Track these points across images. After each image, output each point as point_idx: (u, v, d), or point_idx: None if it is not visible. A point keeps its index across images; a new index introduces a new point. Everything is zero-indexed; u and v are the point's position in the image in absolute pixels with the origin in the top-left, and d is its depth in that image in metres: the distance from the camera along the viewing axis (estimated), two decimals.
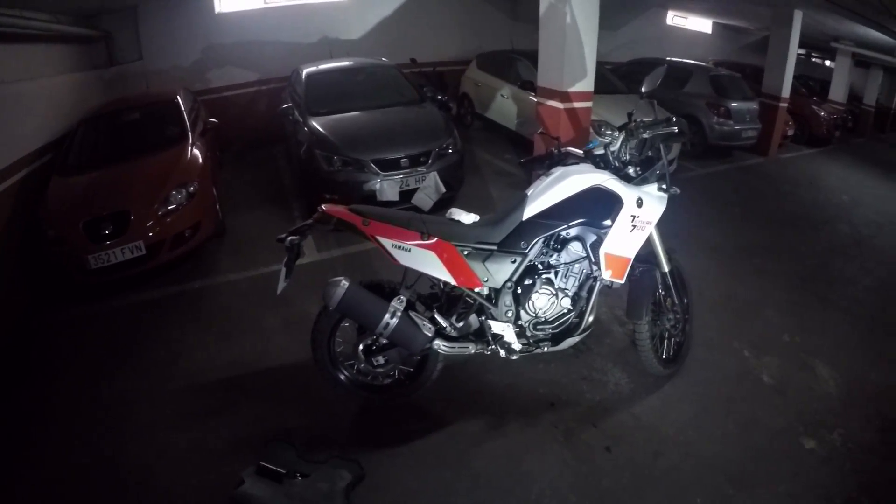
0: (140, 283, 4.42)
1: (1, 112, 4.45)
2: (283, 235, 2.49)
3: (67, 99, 5.98)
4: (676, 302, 3.08)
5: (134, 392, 3.22)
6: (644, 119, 2.86)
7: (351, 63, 7.01)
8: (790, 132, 10.04)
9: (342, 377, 2.84)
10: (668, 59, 9.61)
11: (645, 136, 2.77)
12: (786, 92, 8.92)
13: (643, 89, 2.88)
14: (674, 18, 13.40)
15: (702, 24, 13.88)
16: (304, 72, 6.54)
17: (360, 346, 2.68)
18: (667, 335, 3.14)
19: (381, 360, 2.69)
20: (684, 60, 9.69)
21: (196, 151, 5.15)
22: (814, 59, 16.75)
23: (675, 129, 2.77)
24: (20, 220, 4.39)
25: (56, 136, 5.33)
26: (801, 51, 13.94)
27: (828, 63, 14.61)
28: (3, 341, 3.83)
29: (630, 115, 2.90)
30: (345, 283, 2.47)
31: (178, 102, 5.79)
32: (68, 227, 4.19)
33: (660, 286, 3.01)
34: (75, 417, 3.06)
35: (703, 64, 9.96)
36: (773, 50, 8.96)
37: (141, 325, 3.96)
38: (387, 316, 2.46)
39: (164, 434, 2.87)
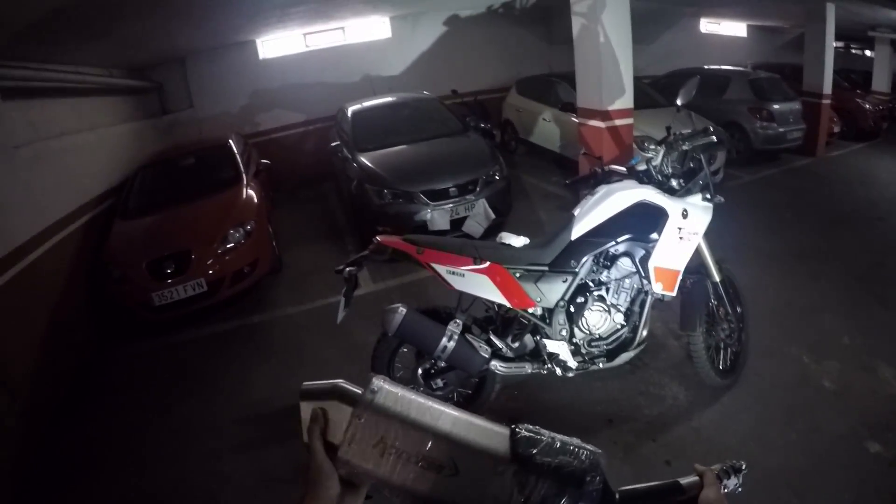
0: (202, 319, 4.66)
1: (63, 161, 4.78)
2: (341, 267, 2.62)
3: (125, 147, 6.40)
4: (730, 311, 3.06)
5: (199, 422, 3.40)
6: (683, 131, 2.90)
7: (394, 98, 7.22)
8: (836, 129, 9.71)
9: None
10: (703, 67, 9.51)
11: (685, 147, 2.82)
12: (827, 88, 8.68)
13: (678, 101, 2.94)
14: (707, 26, 13.25)
15: (736, 29, 13.68)
16: (350, 110, 6.79)
17: (420, 371, 2.78)
18: (722, 345, 3.11)
19: (439, 382, 2.77)
20: (721, 67, 9.55)
21: (251, 191, 5.43)
22: (853, 51, 16.22)
23: (714, 138, 2.81)
24: (85, 262, 4.68)
25: (115, 182, 5.71)
26: (839, 44, 13.53)
27: (868, 53, 14.09)
28: (73, 378, 4.08)
29: (668, 128, 2.94)
30: (402, 310, 2.55)
31: (230, 146, 6.13)
32: (132, 267, 4.46)
33: (712, 296, 3.00)
34: (142, 447, 3.25)
35: (741, 68, 9.79)
36: (810, 46, 8.77)
37: (204, 359, 4.17)
38: (444, 339, 2.53)
39: (229, 462, 3.00)
